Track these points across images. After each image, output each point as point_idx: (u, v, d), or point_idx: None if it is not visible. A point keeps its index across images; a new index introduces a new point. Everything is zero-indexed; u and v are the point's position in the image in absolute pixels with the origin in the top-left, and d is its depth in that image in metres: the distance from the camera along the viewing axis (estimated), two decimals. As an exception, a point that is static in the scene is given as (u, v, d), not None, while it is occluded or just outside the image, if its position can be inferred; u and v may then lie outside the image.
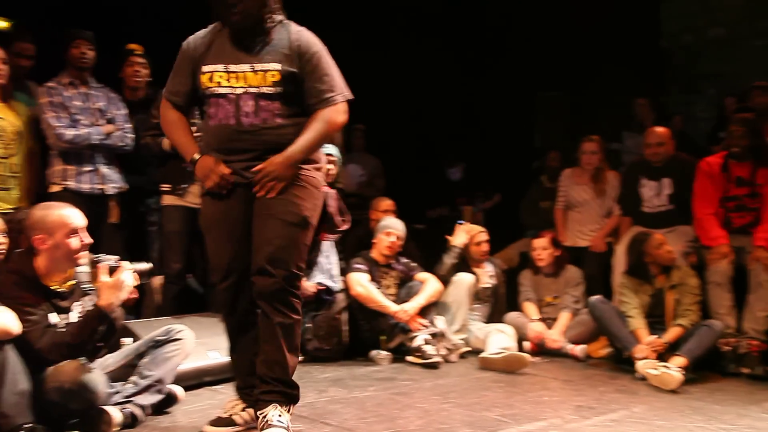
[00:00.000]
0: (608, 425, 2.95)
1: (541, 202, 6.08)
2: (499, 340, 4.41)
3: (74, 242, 2.71)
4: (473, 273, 4.83)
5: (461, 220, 6.66)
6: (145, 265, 2.86)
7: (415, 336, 4.25)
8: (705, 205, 4.62)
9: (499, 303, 5.02)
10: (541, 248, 4.90)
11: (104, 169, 4.18)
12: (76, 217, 2.77)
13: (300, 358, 4.07)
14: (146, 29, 5.27)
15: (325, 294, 4.47)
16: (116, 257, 2.83)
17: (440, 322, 4.48)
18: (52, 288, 2.74)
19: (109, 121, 4.22)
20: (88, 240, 2.78)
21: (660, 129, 5.04)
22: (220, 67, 2.64)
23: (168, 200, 4.26)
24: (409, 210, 5.70)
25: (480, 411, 3.13)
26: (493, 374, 3.97)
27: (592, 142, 5.41)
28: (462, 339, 4.60)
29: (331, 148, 4.63)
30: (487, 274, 4.98)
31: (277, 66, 2.62)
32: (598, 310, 4.38)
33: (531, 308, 4.82)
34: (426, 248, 5.51)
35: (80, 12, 5.26)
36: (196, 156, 2.67)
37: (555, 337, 4.61)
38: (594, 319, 4.46)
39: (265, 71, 2.62)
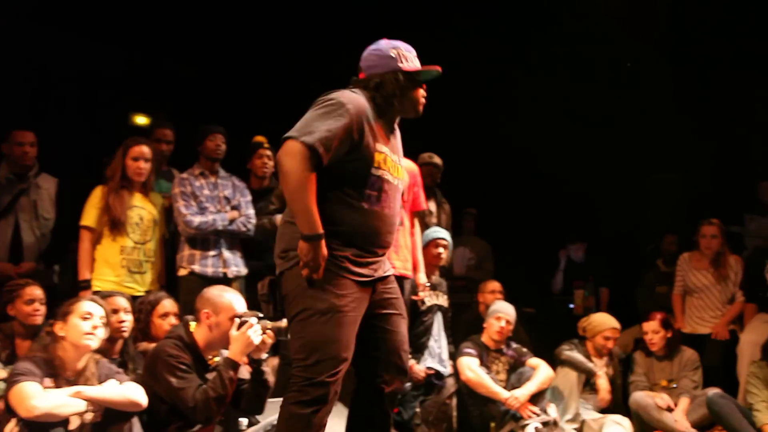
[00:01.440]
0: None
1: (657, 287, 5.87)
2: (615, 431, 4.23)
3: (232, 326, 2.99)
4: (591, 361, 4.69)
5: (572, 305, 6.56)
6: (281, 323, 3.00)
7: (527, 424, 4.16)
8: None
9: (615, 393, 4.82)
10: (652, 331, 4.71)
11: (227, 254, 4.43)
12: (242, 306, 3.09)
13: (409, 444, 4.11)
14: (267, 120, 5.63)
15: (434, 378, 4.47)
16: (257, 314, 3.04)
17: (552, 411, 4.36)
18: (204, 358, 3.03)
19: (234, 208, 4.51)
20: None
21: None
22: (388, 151, 2.54)
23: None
24: (518, 293, 5.66)
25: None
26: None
27: (711, 225, 5.24)
28: (575, 429, 4.44)
29: (442, 232, 4.72)
30: (604, 368, 4.80)
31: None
32: (717, 405, 4.15)
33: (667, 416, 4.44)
34: (536, 332, 5.44)
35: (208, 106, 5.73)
36: (321, 232, 2.39)
37: (679, 419, 4.34)
38: (712, 414, 4.21)
39: (402, 168, 2.66)
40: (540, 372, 4.41)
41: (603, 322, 4.81)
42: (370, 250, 2.55)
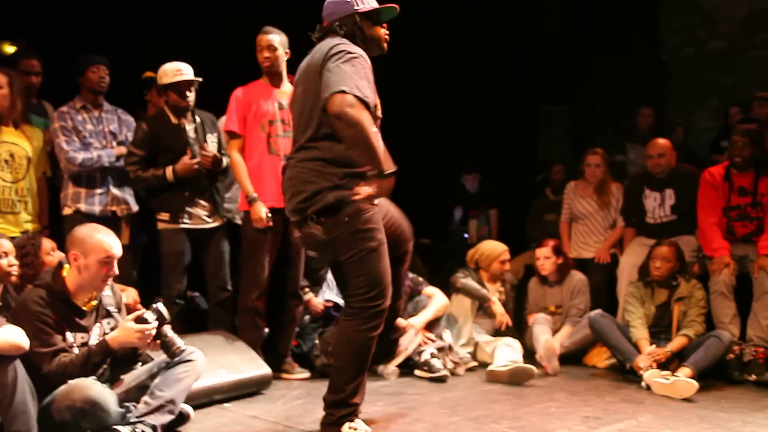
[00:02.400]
0: (616, 435, 2.98)
1: (545, 215, 6.13)
2: (506, 353, 4.44)
3: (102, 270, 2.84)
4: (485, 287, 4.86)
5: (466, 234, 6.75)
6: (179, 343, 2.90)
7: (423, 350, 4.29)
8: (708, 215, 4.66)
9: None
10: (544, 257, 4.92)
11: (115, 191, 4.26)
12: (114, 247, 2.90)
13: (307, 375, 4.18)
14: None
15: (333, 310, 4.53)
16: (162, 312, 2.89)
17: (447, 336, 4.51)
18: (75, 304, 2.85)
19: (121, 144, 4.30)
20: (115, 272, 2.89)
21: (661, 140, 5.08)
22: None
23: (166, 224, 4.20)
24: (414, 225, 5.74)
25: (488, 423, 3.16)
26: (501, 387, 4.00)
27: (595, 154, 5.46)
28: (469, 353, 4.63)
29: None
30: (498, 291, 4.99)
31: None
32: (597, 324, 4.43)
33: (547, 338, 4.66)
34: (433, 262, 5.57)
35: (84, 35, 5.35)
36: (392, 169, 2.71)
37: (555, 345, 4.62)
38: (594, 333, 4.50)
39: None
40: (435, 300, 4.54)
41: (495, 248, 4.97)
42: None
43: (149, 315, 2.82)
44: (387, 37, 2.90)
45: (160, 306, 2.88)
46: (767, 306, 4.30)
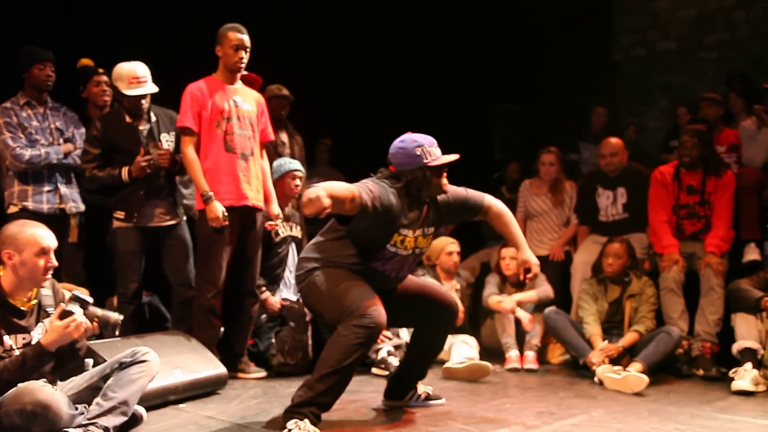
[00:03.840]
0: (569, 429, 3.02)
1: (500, 213, 6.17)
2: (462, 350, 4.48)
3: (40, 262, 2.73)
4: (442, 284, 4.87)
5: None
6: (111, 314, 2.84)
7: (379, 348, 4.30)
8: (658, 213, 4.77)
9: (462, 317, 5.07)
10: (510, 257, 4.96)
11: (63, 189, 4.17)
12: (47, 238, 2.79)
13: (263, 374, 4.15)
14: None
15: (289, 309, 4.50)
16: (85, 298, 2.81)
17: (404, 334, 4.53)
18: (13, 305, 2.75)
19: (67, 141, 4.21)
20: (54, 263, 2.79)
21: (613, 139, 5.18)
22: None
23: (121, 223, 4.14)
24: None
25: (444, 420, 3.18)
26: (456, 383, 4.04)
27: (550, 153, 5.54)
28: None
29: (296, 164, 4.68)
30: (454, 288, 5.02)
31: None
32: (551, 320, 4.50)
33: (497, 297, 4.81)
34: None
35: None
36: None
37: (511, 301, 4.70)
38: (549, 329, 4.57)
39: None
40: (392, 298, 4.54)
41: (441, 240, 4.98)
42: None
43: (71, 306, 2.74)
44: (446, 182, 3.21)
45: (76, 293, 2.81)
46: (714, 302, 4.42)
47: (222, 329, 4.15)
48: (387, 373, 4.17)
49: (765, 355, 4.05)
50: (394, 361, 4.21)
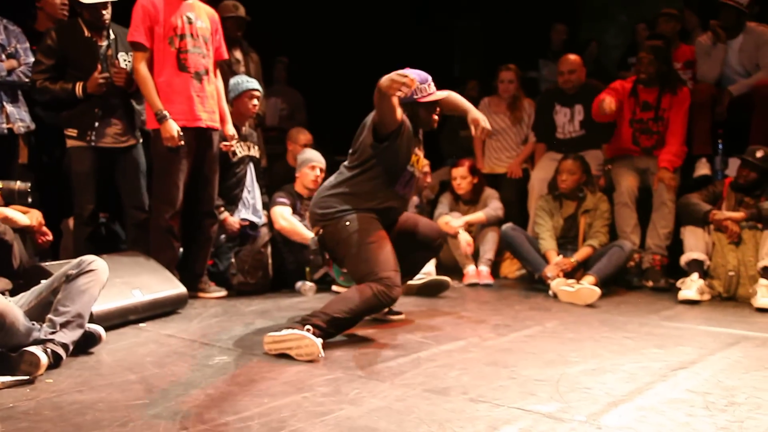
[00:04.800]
0: (523, 340, 3.12)
1: (460, 131, 6.18)
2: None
3: None
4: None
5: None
6: (18, 183, 2.75)
7: (340, 266, 4.34)
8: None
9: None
10: (461, 177, 5.01)
11: (9, 108, 4.02)
12: None
13: (224, 293, 4.17)
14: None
15: (249, 229, 4.49)
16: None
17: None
18: None
19: (11, 57, 4.03)
20: None
21: (572, 56, 5.17)
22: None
23: (75, 141, 4.05)
24: (331, 142, 5.72)
25: (403, 334, 3.25)
26: (415, 299, 4.12)
27: (508, 71, 5.51)
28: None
29: (254, 83, 4.58)
30: (414, 204, 5.06)
31: None
32: (508, 236, 4.58)
33: (446, 218, 4.90)
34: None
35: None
36: None
37: (458, 223, 4.82)
38: (506, 245, 4.67)
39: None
40: (352, 216, 4.56)
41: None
42: None
43: None
44: (437, 117, 3.44)
45: None
46: (665, 216, 4.54)
47: (181, 250, 4.14)
48: (347, 289, 4.22)
49: (711, 266, 4.21)
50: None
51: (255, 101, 4.55)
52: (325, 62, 7.37)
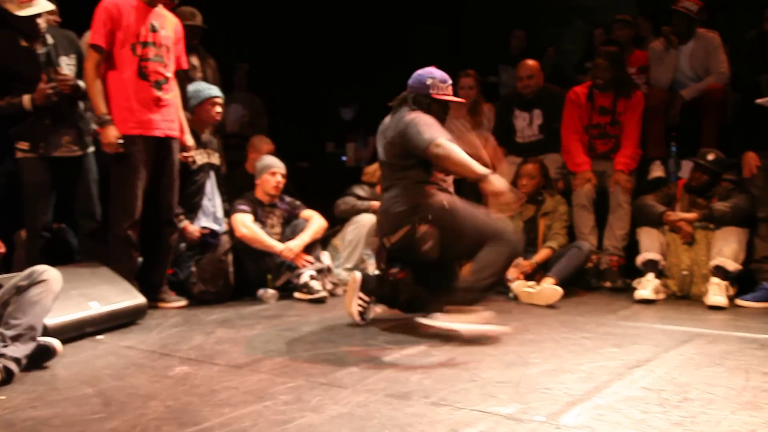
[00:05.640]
0: (485, 343, 3.13)
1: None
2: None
3: None
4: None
5: (344, 157, 6.77)
6: None
7: (302, 273, 4.33)
8: (572, 133, 4.90)
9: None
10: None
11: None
12: None
13: (184, 303, 4.13)
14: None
15: (209, 237, 4.46)
16: None
17: (326, 258, 4.58)
18: None
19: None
20: None
21: (530, 62, 5.24)
22: None
23: (26, 153, 3.94)
24: (293, 148, 5.72)
25: (365, 339, 3.26)
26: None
27: (468, 76, 5.56)
28: (347, 270, 4.73)
29: (216, 90, 4.55)
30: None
31: None
32: None
33: None
34: (310, 186, 5.58)
35: None
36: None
37: None
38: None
39: None
40: (313, 223, 4.56)
41: (376, 170, 5.06)
42: None
43: None
44: (446, 116, 3.58)
45: None
46: (621, 218, 4.63)
47: (140, 259, 4.09)
48: (310, 297, 4.22)
49: (665, 266, 4.31)
50: (316, 285, 4.26)
51: (218, 108, 4.53)
52: (286, 68, 7.36)
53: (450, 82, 3.52)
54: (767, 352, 2.90)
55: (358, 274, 3.64)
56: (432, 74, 3.49)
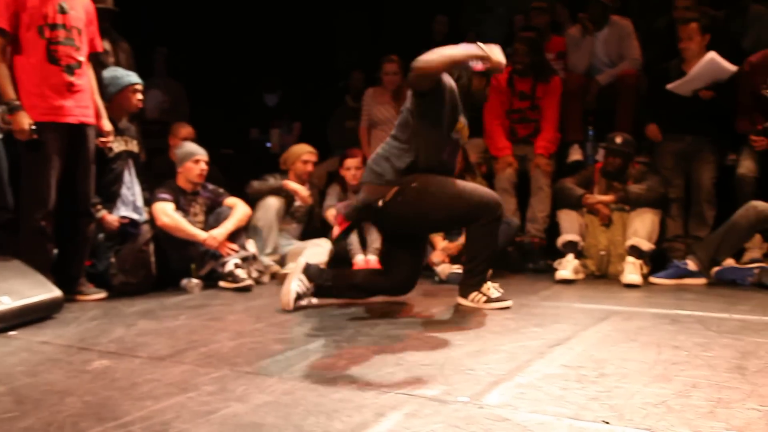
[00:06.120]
0: (410, 326, 3.17)
1: (346, 122, 6.21)
2: (314, 253, 4.56)
3: None
4: (295, 191, 4.89)
5: (268, 143, 6.69)
6: None
7: (226, 261, 4.27)
8: (493, 118, 4.98)
9: (313, 221, 5.12)
10: (355, 167, 5.03)
11: None
12: None
13: (104, 294, 4.01)
14: None
15: (129, 227, 4.33)
16: None
17: (251, 246, 4.52)
18: None
19: None
20: None
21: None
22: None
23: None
24: (216, 135, 5.61)
25: (291, 327, 3.24)
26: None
27: (392, 62, 5.58)
28: (275, 260, 4.68)
29: (135, 77, 4.41)
30: (306, 194, 5.02)
31: None
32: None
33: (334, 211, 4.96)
34: (234, 173, 5.50)
35: None
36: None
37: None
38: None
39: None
40: (237, 211, 4.50)
41: (299, 148, 5.06)
42: None
43: None
44: (487, 89, 3.56)
45: None
46: (542, 200, 4.76)
47: (56, 251, 3.94)
48: (235, 285, 4.17)
49: (584, 246, 4.45)
50: (242, 274, 4.21)
51: (139, 95, 4.40)
52: (208, 53, 7.20)
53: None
54: (677, 326, 3.03)
55: (302, 259, 3.61)
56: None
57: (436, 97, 3.25)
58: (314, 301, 3.61)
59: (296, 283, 3.48)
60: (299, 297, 3.52)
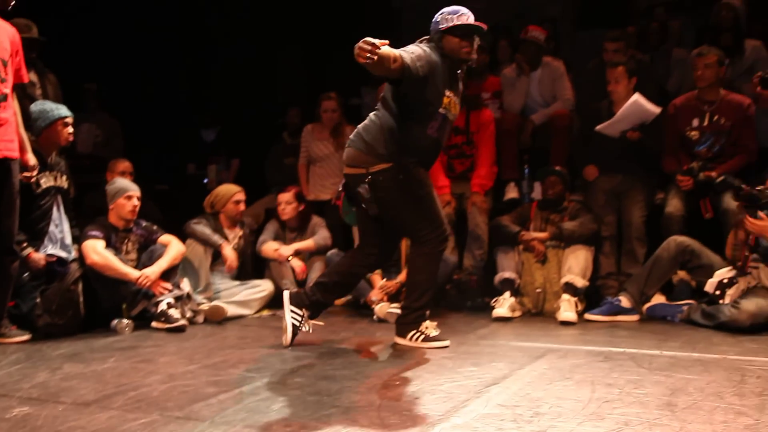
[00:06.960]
0: (348, 367, 3.13)
1: (284, 159, 6.18)
2: (251, 292, 4.53)
3: None
4: (224, 233, 4.81)
5: (205, 179, 6.60)
6: None
7: (159, 301, 4.15)
8: (431, 156, 5.03)
9: (246, 263, 5.03)
10: (285, 202, 5.01)
11: None
12: None
13: (27, 337, 3.84)
14: None
15: (57, 265, 4.16)
16: None
17: (185, 285, 4.42)
18: None
19: None
20: None
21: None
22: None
23: None
24: (152, 171, 5.51)
25: (226, 369, 3.16)
26: (239, 331, 4.04)
27: (330, 99, 5.60)
28: (207, 299, 4.58)
29: (65, 110, 4.29)
30: (237, 235, 4.93)
31: None
32: (332, 263, 4.63)
33: (273, 245, 4.96)
34: (170, 209, 5.39)
35: None
36: None
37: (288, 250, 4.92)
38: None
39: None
40: (171, 248, 4.39)
41: (228, 189, 4.95)
42: None
43: None
44: (466, 49, 3.43)
45: None
46: (479, 238, 4.81)
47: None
48: (168, 326, 4.05)
49: (521, 284, 4.51)
50: (176, 313, 4.10)
51: (70, 129, 4.27)
52: (144, 88, 7.11)
53: (462, 12, 3.46)
54: (611, 363, 3.08)
55: (286, 293, 3.62)
56: (443, 11, 3.47)
57: (412, 81, 3.24)
58: (320, 323, 3.66)
59: (290, 317, 3.54)
60: (295, 330, 3.57)
